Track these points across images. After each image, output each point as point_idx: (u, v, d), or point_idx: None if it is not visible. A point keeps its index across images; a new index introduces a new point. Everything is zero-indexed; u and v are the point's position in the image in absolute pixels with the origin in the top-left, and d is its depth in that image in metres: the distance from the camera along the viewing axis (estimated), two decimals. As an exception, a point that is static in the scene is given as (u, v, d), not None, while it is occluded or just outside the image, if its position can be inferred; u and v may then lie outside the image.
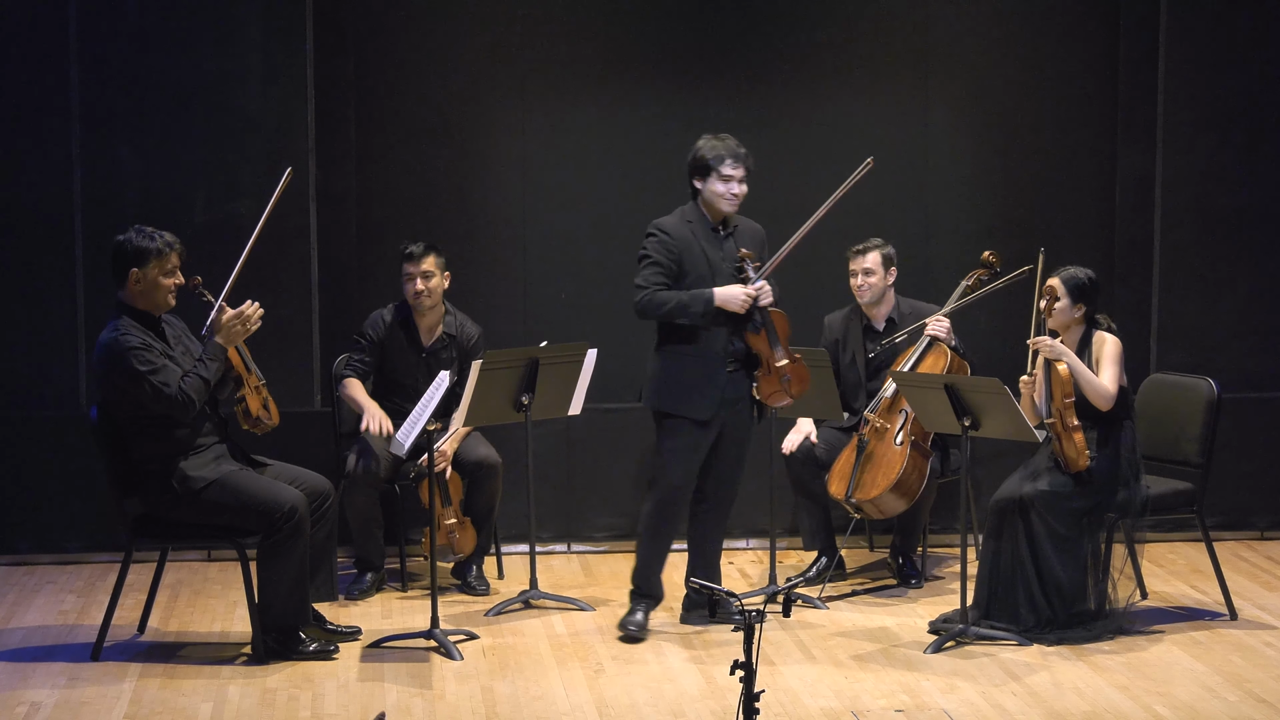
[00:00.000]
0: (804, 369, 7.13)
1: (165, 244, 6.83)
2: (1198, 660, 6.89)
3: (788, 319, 7.13)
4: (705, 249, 7.10)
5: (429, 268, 7.87)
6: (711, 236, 7.15)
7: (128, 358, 6.69)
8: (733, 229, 7.21)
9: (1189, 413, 7.53)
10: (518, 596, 7.70)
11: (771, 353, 7.06)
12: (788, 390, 7.08)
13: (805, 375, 7.13)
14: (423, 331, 7.98)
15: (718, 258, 7.11)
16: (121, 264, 6.81)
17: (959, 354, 7.75)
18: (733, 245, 7.16)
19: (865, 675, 6.72)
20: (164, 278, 6.83)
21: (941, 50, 8.95)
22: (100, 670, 6.82)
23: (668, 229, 7.13)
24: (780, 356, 7.06)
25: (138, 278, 6.80)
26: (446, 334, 8.01)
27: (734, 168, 7.09)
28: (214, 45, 8.46)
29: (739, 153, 7.11)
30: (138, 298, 6.83)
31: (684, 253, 7.09)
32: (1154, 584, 7.99)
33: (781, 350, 7.06)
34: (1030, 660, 6.86)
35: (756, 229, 7.31)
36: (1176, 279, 8.95)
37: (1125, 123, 8.97)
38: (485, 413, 7.61)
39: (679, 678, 6.69)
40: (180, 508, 6.85)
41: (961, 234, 8.98)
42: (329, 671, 6.77)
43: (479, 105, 8.81)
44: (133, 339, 6.73)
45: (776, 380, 7.06)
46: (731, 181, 7.10)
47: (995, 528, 7.17)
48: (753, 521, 8.72)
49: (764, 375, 7.09)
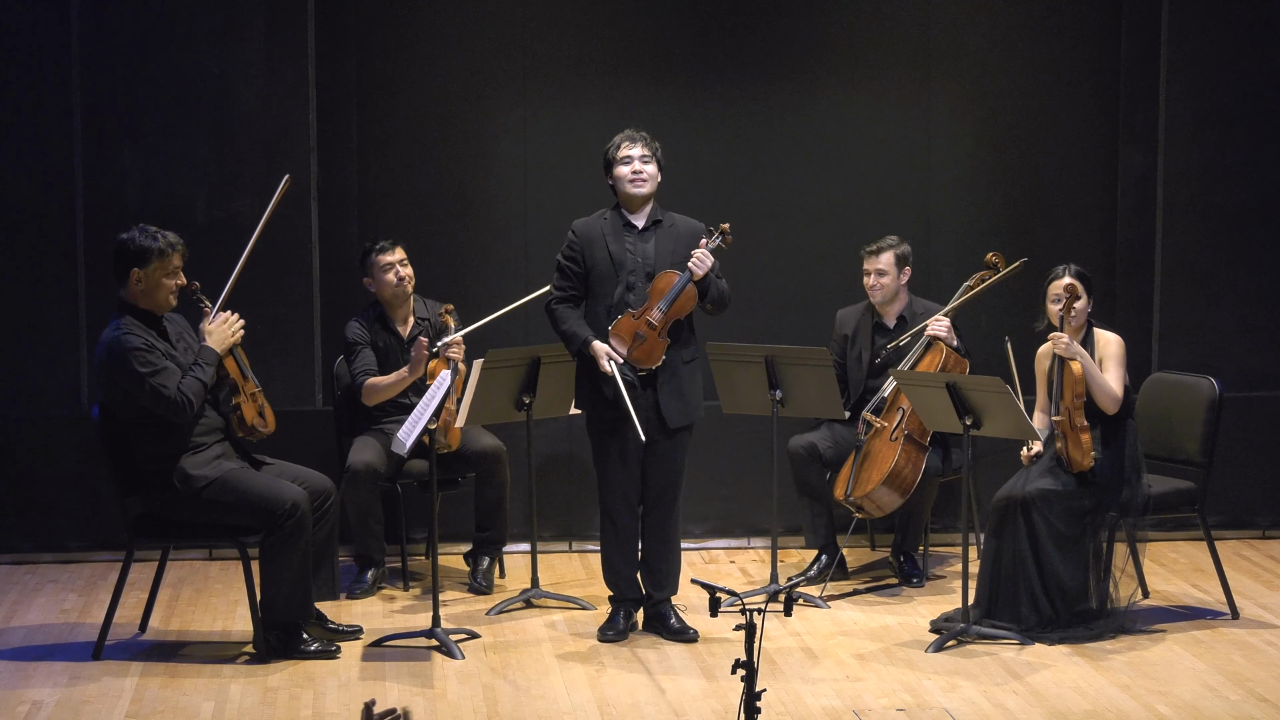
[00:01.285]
0: (658, 350, 6.99)
1: (168, 244, 6.84)
2: (1199, 659, 6.92)
3: (690, 306, 7.02)
4: (611, 247, 7.06)
5: (402, 256, 7.98)
6: (623, 233, 7.09)
7: (129, 358, 6.71)
8: (653, 223, 7.09)
9: (1190, 412, 7.55)
10: (519, 595, 7.73)
11: (655, 305, 6.96)
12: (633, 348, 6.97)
13: (653, 354, 6.98)
14: (399, 323, 8.04)
15: (625, 255, 7.05)
16: (123, 263, 6.82)
17: (959, 353, 7.77)
18: (651, 246, 7.06)
19: (867, 674, 6.74)
20: (166, 278, 6.84)
21: (943, 49, 8.97)
22: (102, 669, 6.84)
23: (576, 228, 7.15)
24: (657, 317, 6.95)
25: (139, 277, 6.81)
26: (419, 319, 8.08)
27: (629, 146, 7.06)
28: (215, 44, 8.48)
29: (635, 135, 7.08)
30: (139, 297, 6.85)
31: (586, 250, 7.08)
32: (1156, 583, 8.01)
33: (662, 315, 6.95)
34: (1032, 659, 6.88)
35: (695, 228, 7.16)
36: (1178, 278, 8.97)
37: (1126, 121, 8.99)
38: (487, 411, 7.66)
39: (680, 677, 6.72)
40: (182, 506, 6.87)
41: (963, 234, 9.00)
42: (330, 670, 6.80)
43: (481, 104, 8.83)
44: (135, 339, 6.74)
45: (634, 331, 6.97)
46: (631, 161, 7.05)
47: (997, 526, 7.19)
48: (755, 520, 8.75)
49: (632, 318, 7.01)
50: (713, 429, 8.39)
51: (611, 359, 6.96)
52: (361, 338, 7.98)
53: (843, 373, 8.08)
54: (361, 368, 7.94)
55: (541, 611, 7.61)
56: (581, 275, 7.09)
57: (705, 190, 8.76)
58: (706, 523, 8.83)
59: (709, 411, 7.58)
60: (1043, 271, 7.47)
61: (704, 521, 8.81)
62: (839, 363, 8.08)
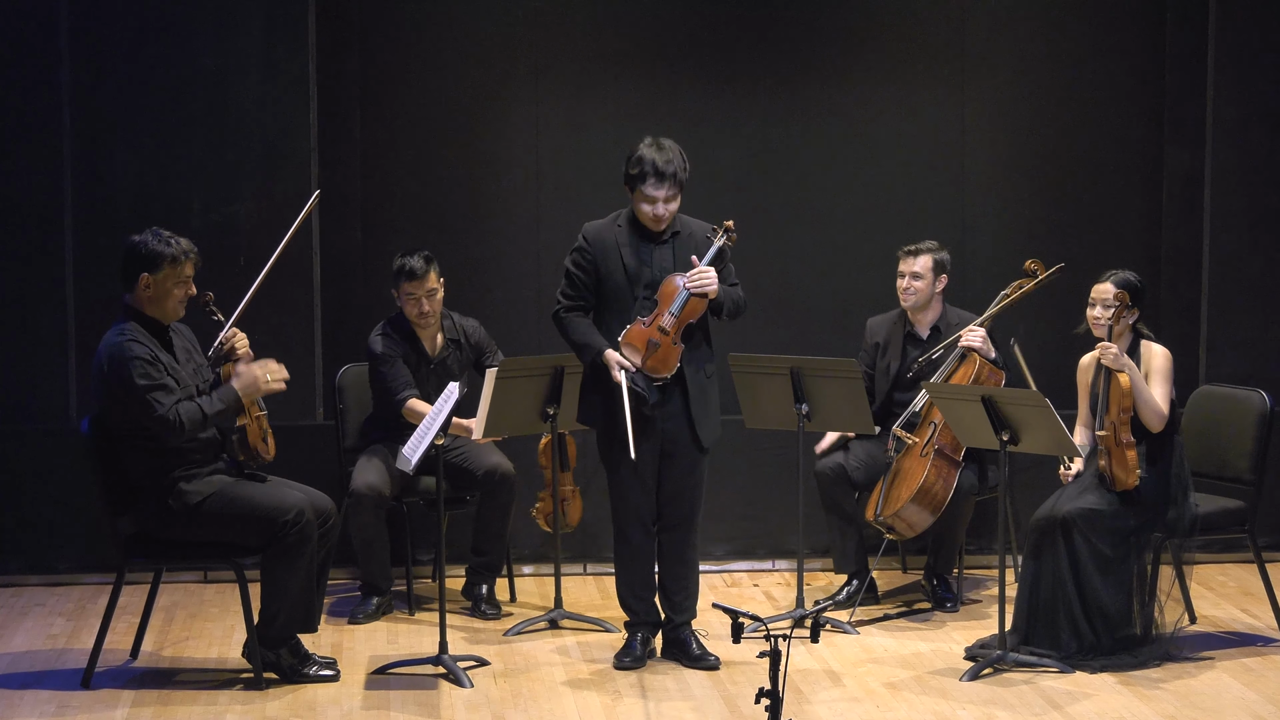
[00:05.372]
0: (673, 357, 6.89)
1: (181, 251, 6.81)
2: (1249, 688, 6.88)
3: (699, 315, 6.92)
4: (626, 258, 6.99)
5: (433, 285, 7.86)
6: (639, 243, 7.02)
7: (129, 367, 6.68)
8: (670, 235, 7.02)
9: (1240, 427, 7.53)
10: (544, 615, 7.73)
11: (664, 311, 6.89)
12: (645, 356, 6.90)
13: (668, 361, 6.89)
14: (426, 343, 7.99)
15: (641, 269, 6.98)
16: (132, 267, 6.79)
17: (995, 365, 7.75)
18: (669, 257, 6.99)
19: (898, 704, 6.71)
20: (176, 287, 6.81)
21: (979, 43, 8.96)
22: (91, 698, 6.82)
23: (589, 235, 7.04)
24: (669, 323, 6.86)
25: (148, 283, 6.79)
26: (450, 340, 8.02)
27: (655, 188, 6.89)
28: (212, 38, 8.49)
29: (665, 171, 6.86)
30: (146, 304, 6.82)
31: (600, 260, 7.01)
32: (1203, 607, 7.98)
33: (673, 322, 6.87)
34: (1072, 688, 6.85)
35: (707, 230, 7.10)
36: (1226, 285, 8.95)
37: (1172, 120, 8.97)
38: (507, 423, 7.62)
39: (702, 706, 6.69)
40: (176, 525, 6.84)
41: (999, 238, 8.98)
42: (332, 699, 6.78)
43: (490, 102, 8.83)
44: (138, 348, 6.71)
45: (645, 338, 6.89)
46: (656, 203, 6.92)
47: (1036, 548, 7.17)
48: (780, 542, 8.73)
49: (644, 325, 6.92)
50: (734, 444, 8.38)
51: (623, 368, 6.93)
52: (392, 350, 7.90)
53: (870, 384, 8.05)
54: (404, 381, 7.85)
55: (555, 637, 7.59)
56: (592, 285, 7.03)
57: (726, 193, 8.75)
58: (728, 544, 8.80)
59: (730, 426, 7.56)
60: (1082, 277, 7.45)
61: (725, 542, 8.79)
62: (867, 373, 8.05)
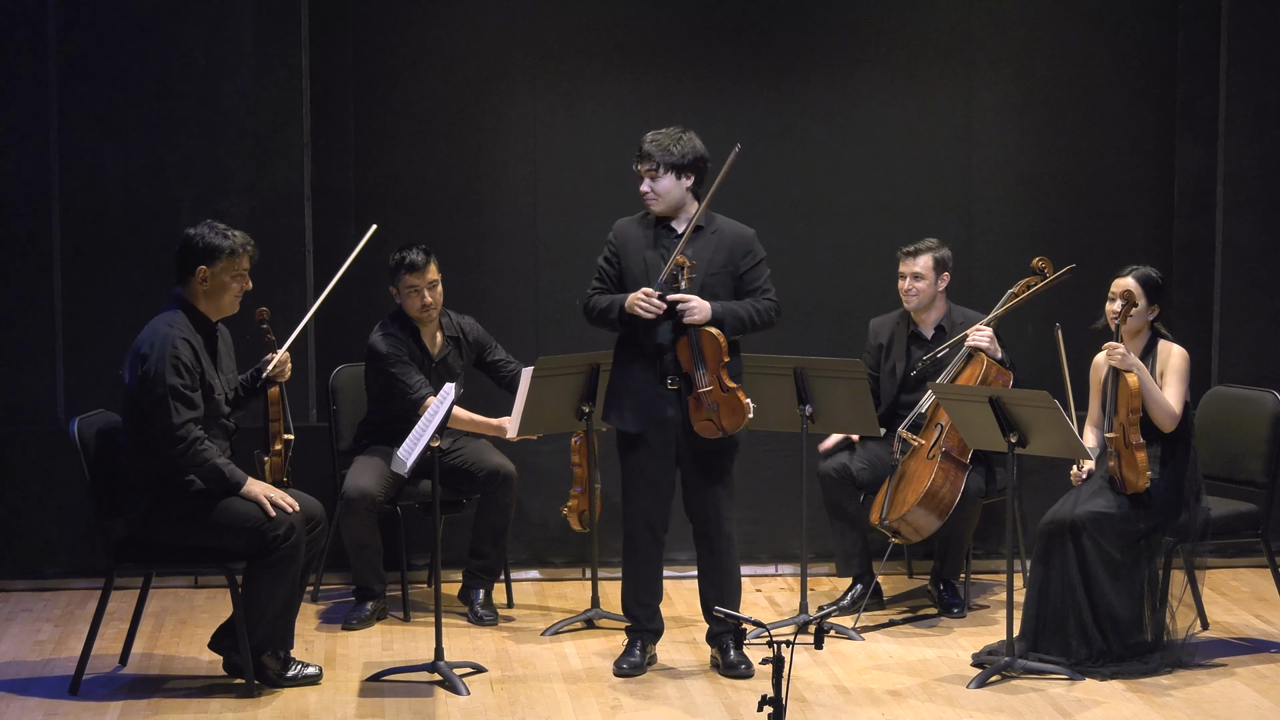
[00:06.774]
0: (738, 400, 6.88)
1: (239, 244, 6.83)
2: (1263, 695, 6.87)
3: (723, 343, 6.88)
4: (645, 251, 7.01)
5: (434, 276, 7.88)
6: (660, 237, 7.03)
7: (167, 362, 6.64)
8: (694, 230, 6.97)
9: (1253, 428, 7.53)
10: (580, 615, 7.82)
11: (694, 373, 6.90)
12: (716, 420, 6.89)
13: (739, 406, 6.88)
14: (427, 340, 7.98)
15: (659, 263, 6.97)
16: (189, 259, 6.79)
17: (1003, 365, 7.72)
18: (689, 253, 6.95)
19: (903, 711, 6.70)
20: (234, 280, 6.84)
21: (985, 35, 8.94)
22: (79, 706, 6.81)
23: (616, 229, 7.12)
24: (705, 381, 6.87)
25: (205, 275, 6.79)
26: (449, 337, 8.01)
27: (637, 162, 7.01)
28: (201, 31, 8.48)
29: (645, 149, 6.98)
30: (200, 297, 6.82)
31: (622, 253, 7.06)
32: (1216, 613, 7.96)
33: (707, 374, 6.87)
34: (1082, 696, 6.83)
35: (741, 234, 7.10)
36: (1240, 283, 8.93)
37: (1184, 114, 8.95)
38: (542, 422, 7.71)
39: (703, 714, 6.67)
40: (168, 528, 6.83)
41: (1007, 236, 8.96)
42: (325, 706, 6.76)
43: (487, 98, 8.81)
44: (184, 350, 6.68)
45: (701, 406, 6.90)
46: (641, 180, 7.01)
47: (1044, 552, 7.15)
48: (783, 546, 8.71)
49: (691, 399, 6.94)
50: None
51: (646, 296, 6.84)
52: (397, 349, 7.88)
53: (875, 385, 8.03)
54: (419, 379, 7.84)
55: (553, 643, 7.58)
56: (616, 278, 7.06)
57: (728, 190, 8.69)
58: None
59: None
60: (1093, 276, 7.43)
61: (728, 546, 8.76)
62: (872, 375, 8.03)
